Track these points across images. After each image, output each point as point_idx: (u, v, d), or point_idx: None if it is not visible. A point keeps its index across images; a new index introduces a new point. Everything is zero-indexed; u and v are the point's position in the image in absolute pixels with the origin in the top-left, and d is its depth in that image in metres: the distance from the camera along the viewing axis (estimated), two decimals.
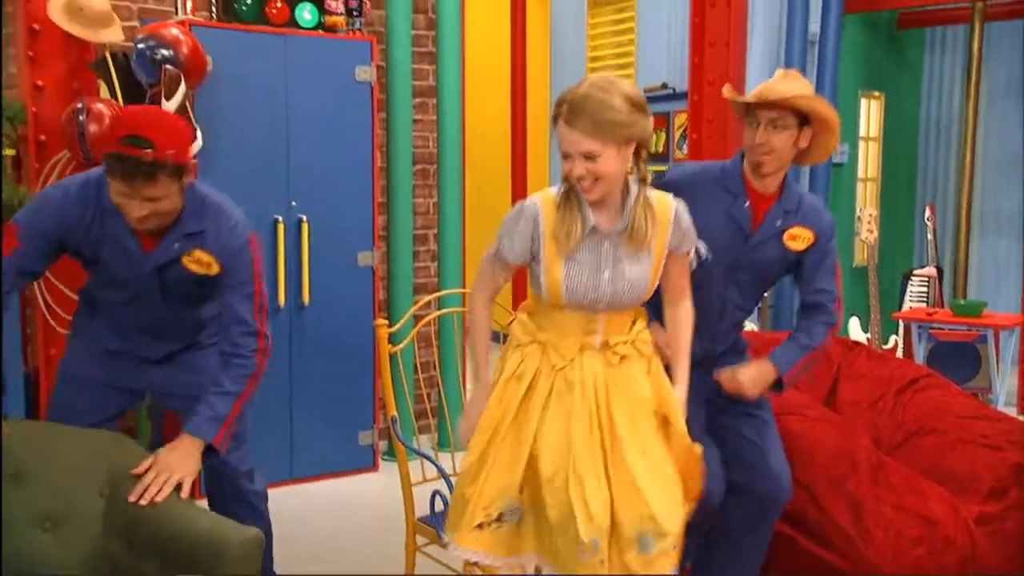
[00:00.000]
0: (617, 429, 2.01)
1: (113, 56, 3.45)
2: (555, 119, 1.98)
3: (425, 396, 4.12)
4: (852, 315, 5.39)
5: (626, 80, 2.08)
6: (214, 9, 3.81)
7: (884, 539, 2.81)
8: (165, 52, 3.40)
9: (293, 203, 3.94)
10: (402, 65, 4.26)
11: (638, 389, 2.07)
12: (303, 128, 3.94)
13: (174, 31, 3.47)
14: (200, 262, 2.27)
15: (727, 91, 2.50)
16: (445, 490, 2.35)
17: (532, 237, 2.04)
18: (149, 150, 2.03)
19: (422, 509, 2.49)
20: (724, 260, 2.42)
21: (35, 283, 3.50)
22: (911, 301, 5.74)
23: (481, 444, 2.03)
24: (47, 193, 2.26)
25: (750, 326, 4.84)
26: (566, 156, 1.97)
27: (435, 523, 2.40)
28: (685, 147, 5.70)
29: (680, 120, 5.88)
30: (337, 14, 4.01)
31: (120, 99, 3.42)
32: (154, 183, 2.07)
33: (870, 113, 6.29)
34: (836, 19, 5.23)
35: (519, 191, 5.62)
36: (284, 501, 3.69)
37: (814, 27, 5.32)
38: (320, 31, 3.96)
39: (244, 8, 3.79)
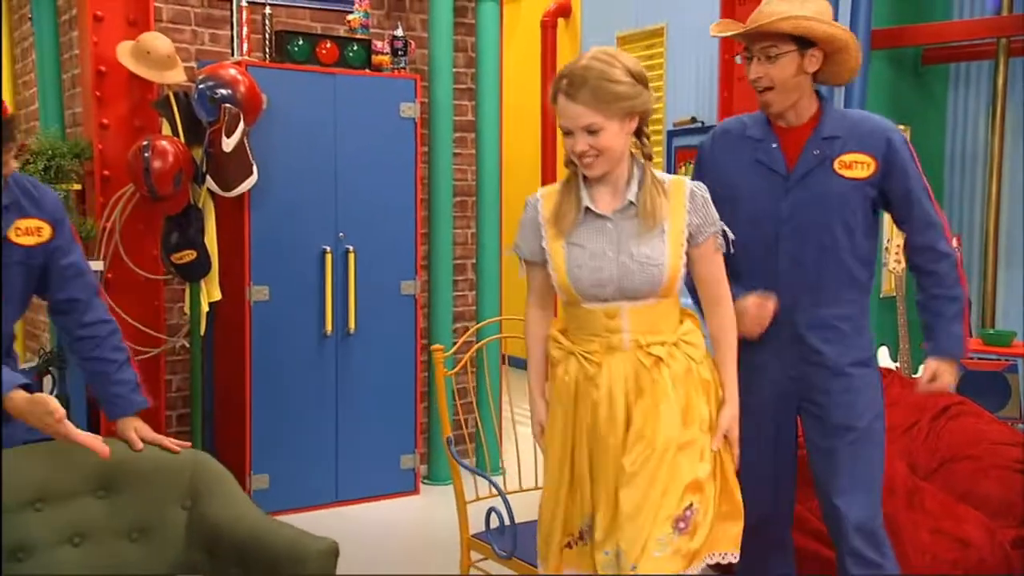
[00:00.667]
0: (624, 456, 1.90)
1: (175, 95, 3.63)
2: (554, 95, 1.89)
3: (463, 422, 4.25)
4: (881, 344, 5.46)
5: (627, 53, 2.02)
6: (268, 50, 3.99)
7: (921, 563, 2.88)
8: (224, 91, 3.58)
9: (341, 234, 4.09)
10: (443, 101, 4.43)
11: (666, 405, 1.91)
12: (350, 162, 4.10)
13: (232, 71, 3.65)
14: (33, 231, 2.05)
15: (714, 29, 2.29)
16: (501, 507, 2.46)
17: (535, 227, 2.00)
18: None
19: (475, 527, 2.60)
20: (771, 212, 2.18)
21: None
22: None
23: (551, 471, 2.02)
24: None
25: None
26: (567, 133, 1.89)
27: (489, 539, 2.51)
28: None
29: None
30: (383, 54, 4.19)
31: (182, 136, 3.60)
32: None
33: None
34: (863, 55, 5.35)
35: None
36: (330, 522, 3.80)
37: None
38: (367, 70, 4.14)
39: (296, 49, 3.97)
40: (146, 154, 3.44)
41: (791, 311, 2.18)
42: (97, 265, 3.57)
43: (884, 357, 5.47)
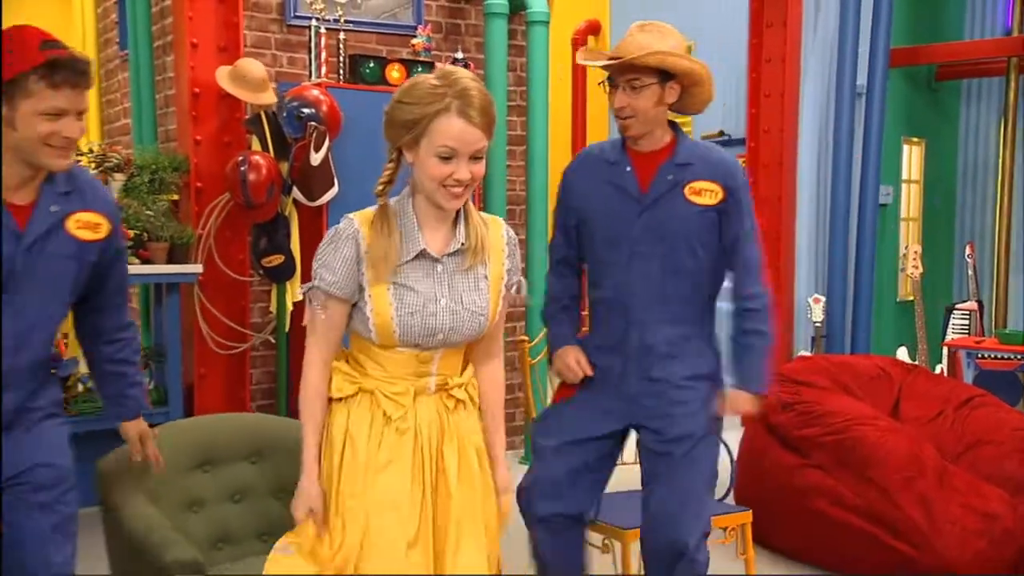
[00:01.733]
0: (449, 484, 1.79)
1: (265, 114, 3.98)
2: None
3: (512, 414, 4.56)
4: (900, 345, 5.81)
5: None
6: (341, 72, 4.34)
7: (952, 531, 3.22)
8: (308, 110, 3.93)
9: None
10: (498, 117, 4.77)
11: (473, 437, 1.86)
12: None
13: (315, 92, 4.01)
14: (92, 226, 1.90)
15: (581, 55, 2.34)
16: None
17: (358, 262, 1.75)
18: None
19: None
20: (622, 233, 2.25)
21: (197, 307, 4.00)
22: (953, 333, 6.14)
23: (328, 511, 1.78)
24: None
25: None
26: (447, 157, 1.74)
27: None
28: None
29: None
30: None
31: (272, 151, 3.95)
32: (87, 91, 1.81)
33: (912, 158, 6.76)
34: (882, 72, 5.71)
35: None
36: None
37: (861, 80, 5.80)
38: None
39: (368, 71, 4.32)
40: (243, 167, 3.79)
41: (641, 325, 2.27)
42: (195, 268, 3.92)
43: (903, 357, 5.82)
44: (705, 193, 2.20)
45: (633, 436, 2.42)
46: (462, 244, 1.79)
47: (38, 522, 1.83)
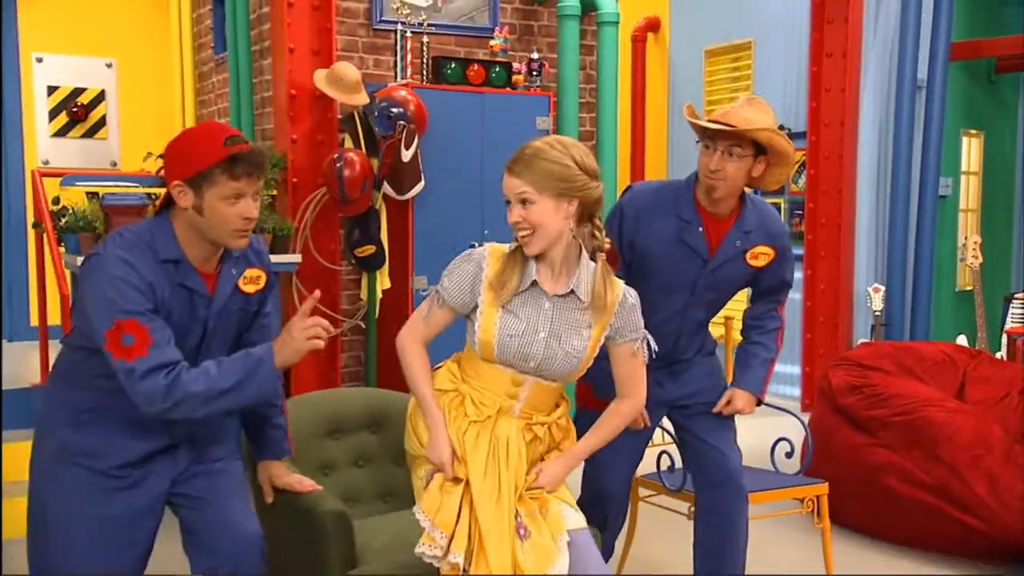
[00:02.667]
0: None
1: (357, 114, 4.24)
2: (503, 174, 2.01)
3: None
4: (960, 333, 5.92)
5: (581, 146, 2.04)
6: (424, 73, 4.59)
7: (1018, 507, 3.38)
8: (397, 110, 4.19)
9: (486, 231, 4.68)
10: (570, 115, 5.00)
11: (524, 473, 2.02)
12: (494, 168, 4.61)
13: (403, 92, 4.26)
14: (255, 280, 2.15)
15: (688, 112, 2.43)
16: (673, 451, 3.00)
17: (474, 282, 2.02)
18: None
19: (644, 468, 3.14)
20: (685, 285, 2.45)
21: (294, 290, 4.28)
22: (1012, 321, 6.24)
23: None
24: (110, 277, 1.92)
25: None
26: (508, 203, 2.01)
27: (658, 479, 3.05)
28: (801, 180, 6.32)
29: (796, 157, 6.52)
30: (520, 74, 4.77)
31: (364, 148, 4.21)
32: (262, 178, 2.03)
33: (971, 150, 6.84)
34: (942, 66, 5.82)
35: None
36: None
37: (921, 73, 5.91)
38: (508, 88, 4.72)
39: (450, 71, 4.57)
40: (339, 164, 4.06)
41: (681, 352, 2.57)
42: (294, 258, 4.20)
43: (963, 343, 5.93)
44: (761, 256, 2.45)
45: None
46: (571, 290, 2.02)
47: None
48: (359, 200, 4.14)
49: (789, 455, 3.39)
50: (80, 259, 3.79)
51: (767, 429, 3.68)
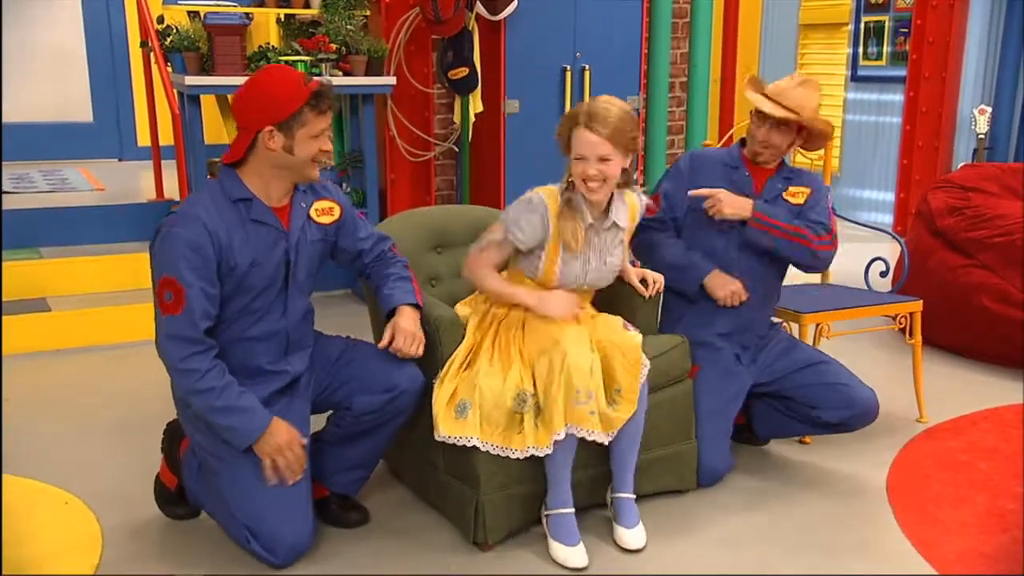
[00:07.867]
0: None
1: None
2: (571, 128, 2.24)
3: None
4: None
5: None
6: None
7: None
8: None
9: (578, 54, 4.61)
10: (661, 44, 4.83)
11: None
12: None
13: None
14: (328, 211, 2.27)
15: (751, 86, 2.68)
16: None
17: (544, 230, 2.28)
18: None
19: None
20: (736, 224, 2.66)
21: (389, 113, 4.33)
22: None
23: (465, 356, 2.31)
24: (171, 234, 2.07)
25: None
26: (579, 158, 2.23)
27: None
28: None
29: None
30: None
31: None
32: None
33: None
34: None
35: None
36: None
37: None
38: None
39: None
40: None
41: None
42: (389, 80, 4.23)
43: None
44: (799, 194, 2.73)
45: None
46: (614, 223, 2.35)
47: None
48: (452, 20, 4.10)
49: (883, 274, 3.41)
50: (187, 79, 3.89)
51: (861, 252, 3.68)
